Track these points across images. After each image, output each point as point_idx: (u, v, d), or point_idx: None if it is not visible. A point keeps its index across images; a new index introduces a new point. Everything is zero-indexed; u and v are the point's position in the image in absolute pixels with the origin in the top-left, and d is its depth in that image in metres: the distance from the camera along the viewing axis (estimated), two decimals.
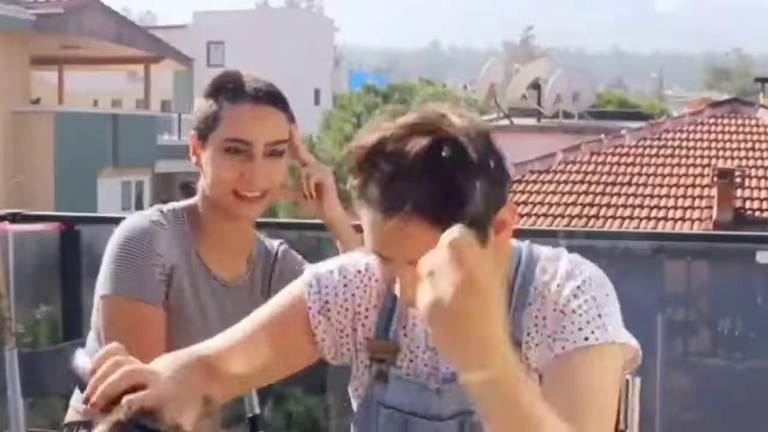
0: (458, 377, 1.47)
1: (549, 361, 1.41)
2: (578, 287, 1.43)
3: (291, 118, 2.02)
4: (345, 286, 1.55)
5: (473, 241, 1.13)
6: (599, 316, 1.41)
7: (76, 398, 2.11)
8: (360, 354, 1.56)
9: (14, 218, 3.69)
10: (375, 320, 1.54)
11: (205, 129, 1.97)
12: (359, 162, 1.34)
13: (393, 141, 1.31)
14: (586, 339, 1.39)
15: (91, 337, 2.07)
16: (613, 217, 13.60)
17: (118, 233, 1.96)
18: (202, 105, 2.00)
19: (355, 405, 1.59)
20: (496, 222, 1.36)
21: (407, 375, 1.52)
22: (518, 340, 1.45)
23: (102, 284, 1.95)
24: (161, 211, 2.02)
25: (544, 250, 1.51)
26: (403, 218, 1.29)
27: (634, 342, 1.46)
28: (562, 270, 1.46)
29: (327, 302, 1.54)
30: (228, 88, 1.97)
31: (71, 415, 2.11)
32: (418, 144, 1.29)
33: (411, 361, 1.53)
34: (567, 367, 1.38)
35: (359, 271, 1.56)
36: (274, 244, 2.19)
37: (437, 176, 1.28)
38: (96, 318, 1.99)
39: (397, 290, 1.40)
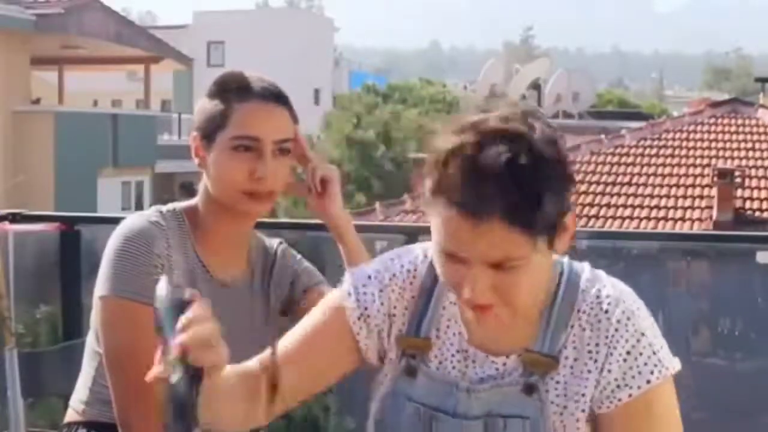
0: (488, 381, 1.50)
1: (616, 407, 1.46)
2: (629, 319, 1.46)
3: (295, 119, 2.02)
4: (381, 291, 1.57)
5: None
6: (654, 353, 1.45)
7: (76, 398, 2.11)
8: (391, 351, 1.58)
9: (14, 218, 3.68)
10: (408, 318, 1.57)
11: (212, 129, 1.97)
12: (440, 162, 1.37)
13: (474, 147, 1.35)
14: (649, 382, 1.44)
15: (90, 337, 2.06)
16: (613, 217, 13.61)
17: (117, 233, 1.96)
18: (206, 105, 1.99)
19: (376, 398, 1.60)
20: (561, 227, 1.41)
21: (437, 371, 1.54)
22: (555, 356, 1.49)
23: (100, 285, 1.94)
24: (160, 212, 2.01)
25: (585, 269, 1.54)
26: (490, 222, 1.33)
27: (678, 363, 1.50)
28: (606, 297, 1.49)
29: (366, 308, 1.57)
30: (235, 88, 1.97)
31: (71, 415, 2.11)
32: (501, 153, 1.34)
33: (440, 362, 1.55)
34: (637, 414, 1.45)
35: (395, 275, 1.58)
36: (274, 243, 2.18)
37: (520, 184, 1.33)
38: (95, 318, 1.99)
39: (462, 292, 1.41)
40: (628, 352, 1.45)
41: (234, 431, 1.51)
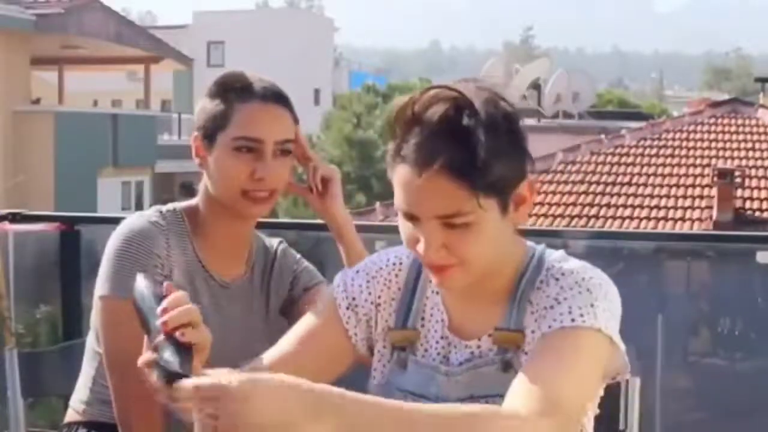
0: (466, 364, 1.54)
1: (536, 340, 1.48)
2: (576, 282, 1.49)
3: (296, 119, 2.03)
4: (368, 282, 1.64)
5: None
6: (591, 305, 1.46)
7: (76, 398, 2.11)
8: (378, 343, 1.63)
9: (14, 218, 3.69)
10: (395, 310, 1.63)
11: (213, 129, 1.97)
12: (395, 124, 1.48)
13: (421, 106, 1.45)
14: (573, 320, 1.45)
15: (91, 337, 2.07)
16: (613, 217, 13.61)
17: (117, 234, 1.96)
18: (207, 105, 1.99)
19: (371, 390, 1.63)
20: (515, 196, 1.48)
21: (423, 359, 1.59)
22: (521, 329, 1.53)
23: (100, 285, 1.94)
24: (160, 212, 2.01)
25: (556, 253, 1.58)
26: (432, 174, 1.41)
27: (623, 346, 1.50)
28: (567, 268, 1.53)
29: (354, 298, 1.63)
30: (236, 88, 1.97)
31: (71, 415, 2.11)
32: (440, 109, 1.44)
33: (426, 350, 1.60)
34: (550, 342, 1.44)
35: (381, 268, 1.65)
36: (273, 242, 2.18)
37: (457, 138, 1.42)
38: (95, 318, 1.99)
39: (420, 249, 1.47)
40: (566, 299, 1.47)
41: None
